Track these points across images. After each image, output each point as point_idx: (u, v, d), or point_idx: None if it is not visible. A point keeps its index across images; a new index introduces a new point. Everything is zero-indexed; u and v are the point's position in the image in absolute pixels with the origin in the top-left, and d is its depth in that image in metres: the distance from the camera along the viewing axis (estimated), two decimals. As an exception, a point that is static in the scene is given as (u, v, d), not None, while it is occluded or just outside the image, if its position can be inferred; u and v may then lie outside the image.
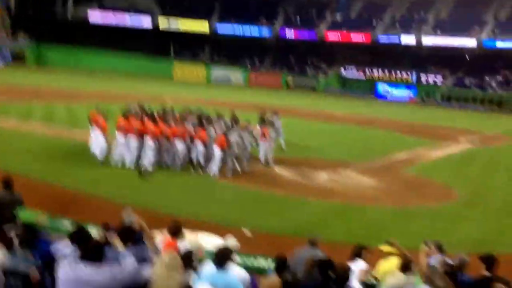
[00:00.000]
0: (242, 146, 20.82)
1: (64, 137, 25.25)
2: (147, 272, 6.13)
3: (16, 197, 11.14)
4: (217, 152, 19.81)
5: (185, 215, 13.99)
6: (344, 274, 6.80)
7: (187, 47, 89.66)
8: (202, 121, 21.30)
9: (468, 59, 79.36)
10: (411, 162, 27.87)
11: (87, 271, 5.61)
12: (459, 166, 27.79)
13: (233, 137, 20.24)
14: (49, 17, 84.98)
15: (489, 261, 8.15)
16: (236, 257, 8.67)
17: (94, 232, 9.49)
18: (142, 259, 6.59)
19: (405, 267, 7.99)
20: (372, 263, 9.21)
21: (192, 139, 20.42)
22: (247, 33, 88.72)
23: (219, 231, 11.58)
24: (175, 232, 8.15)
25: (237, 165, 20.57)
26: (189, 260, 7.16)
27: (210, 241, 10.37)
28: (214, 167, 19.90)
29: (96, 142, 20.68)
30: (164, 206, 15.20)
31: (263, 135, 22.36)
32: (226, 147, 19.78)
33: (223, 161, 20.08)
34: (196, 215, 14.60)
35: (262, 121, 23.75)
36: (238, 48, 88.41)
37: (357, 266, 8.74)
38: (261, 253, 10.43)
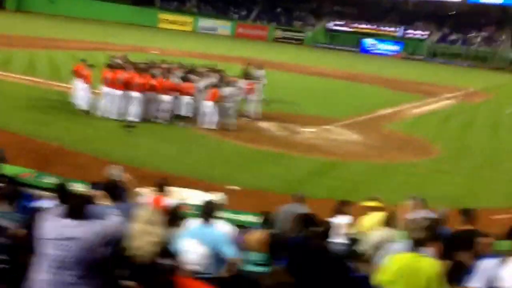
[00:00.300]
0: (231, 100, 20.70)
1: (45, 88, 24.80)
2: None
3: None
4: (208, 105, 19.78)
5: (172, 171, 14.01)
6: (324, 230, 6.88)
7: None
8: (189, 75, 21.20)
9: (453, 13, 79.20)
10: (395, 118, 28.11)
11: (70, 227, 5.50)
12: (441, 122, 28.09)
13: (225, 91, 20.11)
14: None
15: (469, 214, 8.35)
16: (223, 213, 8.80)
17: (80, 188, 9.55)
18: (128, 216, 6.57)
19: (388, 222, 8.16)
20: (355, 218, 9.40)
21: (179, 93, 20.27)
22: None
23: (205, 187, 11.67)
24: (161, 188, 8.19)
25: (228, 119, 20.42)
26: (174, 216, 7.26)
27: (196, 197, 10.48)
28: (207, 120, 19.87)
29: (81, 94, 20.39)
30: (151, 162, 15.03)
31: (250, 89, 22.32)
32: (218, 100, 19.69)
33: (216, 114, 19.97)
34: (182, 171, 14.56)
35: (247, 75, 23.66)
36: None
37: (341, 220, 8.92)
38: (247, 209, 10.60)
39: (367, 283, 6.93)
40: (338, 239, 8.61)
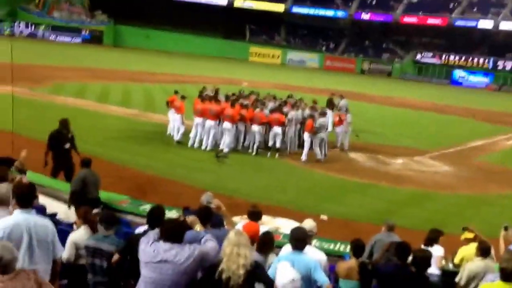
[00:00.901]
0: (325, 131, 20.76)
1: (140, 119, 25.68)
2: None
3: (98, 177, 11.38)
4: (305, 136, 19.99)
5: (263, 200, 14.16)
6: (425, 259, 6.76)
7: (262, 29, 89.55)
8: (280, 105, 21.53)
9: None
10: (488, 150, 27.38)
11: (165, 250, 5.66)
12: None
13: (318, 122, 20.15)
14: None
15: None
16: (315, 242, 8.86)
17: (173, 214, 9.87)
18: (222, 242, 6.75)
19: (484, 252, 8.01)
20: (448, 250, 9.27)
21: (269, 124, 20.51)
22: (322, 14, 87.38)
23: (296, 216, 11.77)
24: (255, 217, 8.31)
25: (321, 150, 20.39)
26: (267, 243, 7.37)
27: (289, 226, 10.60)
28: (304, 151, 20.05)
29: (174, 124, 21.09)
30: (242, 192, 15.33)
31: (340, 120, 22.40)
32: (313, 131, 19.81)
33: (310, 145, 20.08)
34: (273, 200, 14.77)
35: (332, 106, 23.78)
36: (314, 32, 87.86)
37: (435, 251, 8.82)
38: (336, 238, 10.63)
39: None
40: (433, 270, 8.56)
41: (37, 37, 74.84)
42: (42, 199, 10.48)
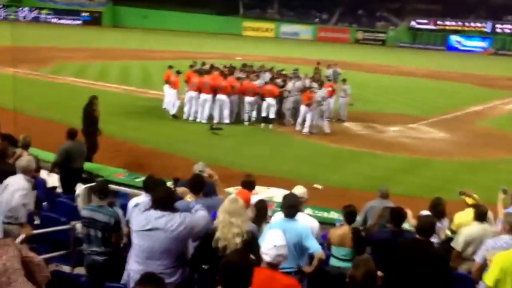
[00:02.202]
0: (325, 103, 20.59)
1: (138, 95, 25.81)
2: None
3: (83, 149, 11.78)
4: (303, 109, 19.80)
5: (257, 170, 14.08)
6: (430, 224, 6.40)
7: (255, 3, 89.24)
8: (273, 77, 21.38)
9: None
10: (485, 115, 27.27)
11: (155, 218, 5.67)
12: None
13: (319, 94, 19.91)
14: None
15: None
16: (307, 210, 8.76)
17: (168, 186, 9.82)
18: (214, 210, 6.61)
19: (480, 216, 7.89)
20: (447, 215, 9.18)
21: (263, 95, 20.38)
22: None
23: (290, 186, 11.67)
24: (249, 186, 8.21)
25: (321, 122, 20.12)
26: (261, 212, 7.28)
27: (281, 195, 10.52)
28: (306, 124, 19.80)
29: (169, 98, 21.11)
30: (236, 163, 15.30)
31: (331, 92, 22.11)
32: (312, 103, 19.60)
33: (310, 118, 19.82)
34: (267, 170, 14.72)
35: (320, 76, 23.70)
36: (306, 3, 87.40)
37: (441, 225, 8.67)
38: (331, 206, 10.55)
39: (464, 281, 6.77)
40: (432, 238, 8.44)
41: (40, 21, 77.52)
42: (44, 174, 10.79)
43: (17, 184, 7.52)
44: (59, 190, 10.71)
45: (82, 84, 27.48)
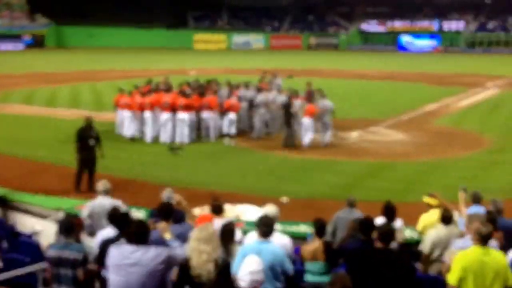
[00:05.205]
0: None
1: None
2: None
3: None
4: (307, 121, 19.47)
5: (223, 188, 14.20)
6: (390, 233, 6.62)
7: (204, 15, 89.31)
8: (232, 90, 21.37)
9: (488, 1, 77.84)
10: (441, 113, 27.72)
11: (132, 252, 5.64)
12: (489, 113, 27.63)
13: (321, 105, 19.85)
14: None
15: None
16: (277, 225, 8.73)
17: (140, 215, 9.74)
18: (186, 238, 6.63)
19: (446, 220, 8.01)
20: (411, 219, 9.26)
21: (224, 110, 20.29)
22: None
23: (257, 201, 11.65)
24: (217, 210, 8.16)
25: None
26: (229, 233, 7.22)
27: (250, 212, 10.49)
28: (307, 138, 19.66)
29: (124, 122, 20.67)
30: (201, 182, 15.13)
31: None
32: (314, 116, 19.50)
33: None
34: (233, 187, 14.65)
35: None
36: (256, 12, 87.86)
37: (396, 225, 8.84)
38: (300, 219, 10.53)
39: (433, 284, 6.84)
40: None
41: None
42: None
43: None
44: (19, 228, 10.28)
45: (32, 112, 27.06)
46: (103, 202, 8.87)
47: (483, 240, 6.10)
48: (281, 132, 20.52)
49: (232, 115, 20.12)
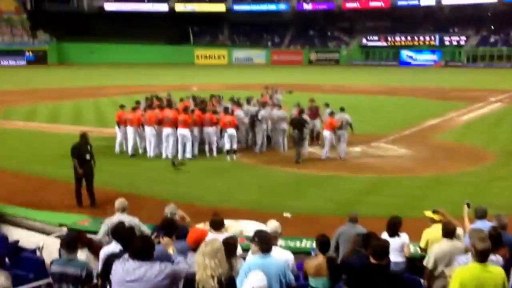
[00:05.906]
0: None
1: (93, 135, 24.89)
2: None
3: None
4: (327, 134, 20.26)
5: (225, 204, 14.25)
6: (383, 248, 6.64)
7: (206, 31, 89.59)
8: (228, 107, 21.32)
9: (489, 15, 78.09)
10: (443, 128, 27.72)
11: (136, 268, 5.63)
12: (492, 127, 27.62)
13: (339, 118, 20.48)
14: (66, 10, 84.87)
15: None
16: (280, 241, 8.72)
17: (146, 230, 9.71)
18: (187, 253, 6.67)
19: (449, 234, 7.98)
20: (414, 234, 9.23)
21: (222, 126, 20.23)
22: (264, 10, 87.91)
23: (260, 217, 11.62)
24: (217, 225, 8.14)
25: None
26: (230, 248, 7.20)
27: (252, 227, 10.45)
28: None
29: (126, 138, 20.75)
30: (203, 198, 15.13)
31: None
32: (334, 129, 20.17)
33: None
34: (236, 202, 14.66)
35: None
36: (257, 28, 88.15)
37: (402, 240, 8.88)
38: (303, 235, 10.51)
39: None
40: (397, 258, 8.53)
41: (-20, 64, 74.63)
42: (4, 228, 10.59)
43: None
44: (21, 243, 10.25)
45: (34, 127, 27.21)
46: (121, 220, 8.85)
47: (480, 255, 6.05)
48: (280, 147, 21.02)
49: (230, 131, 20.03)
